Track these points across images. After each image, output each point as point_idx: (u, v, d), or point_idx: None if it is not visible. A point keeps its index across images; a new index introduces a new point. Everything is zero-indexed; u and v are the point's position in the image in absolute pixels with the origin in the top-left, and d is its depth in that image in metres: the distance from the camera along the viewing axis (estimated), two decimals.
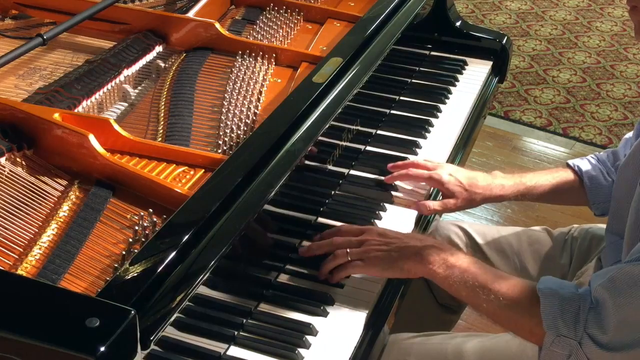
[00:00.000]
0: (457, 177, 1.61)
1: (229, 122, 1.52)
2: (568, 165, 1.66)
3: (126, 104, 1.60)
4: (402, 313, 1.50)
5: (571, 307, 1.20)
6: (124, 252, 1.21)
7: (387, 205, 1.60)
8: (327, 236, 1.42)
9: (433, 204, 1.60)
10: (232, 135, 1.49)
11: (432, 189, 1.67)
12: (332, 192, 1.61)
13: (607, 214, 1.63)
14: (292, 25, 1.94)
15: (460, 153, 1.87)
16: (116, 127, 1.40)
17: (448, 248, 1.34)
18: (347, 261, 1.36)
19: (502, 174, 1.66)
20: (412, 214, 1.59)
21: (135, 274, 1.07)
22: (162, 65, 1.67)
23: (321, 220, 1.54)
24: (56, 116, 1.37)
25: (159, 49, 1.76)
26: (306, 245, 1.42)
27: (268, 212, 1.35)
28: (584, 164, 1.64)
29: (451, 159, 1.81)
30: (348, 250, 1.36)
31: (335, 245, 1.38)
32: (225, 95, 1.61)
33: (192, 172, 1.38)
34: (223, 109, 1.57)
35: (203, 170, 1.38)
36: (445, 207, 1.61)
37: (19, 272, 1.16)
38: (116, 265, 1.19)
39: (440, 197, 1.65)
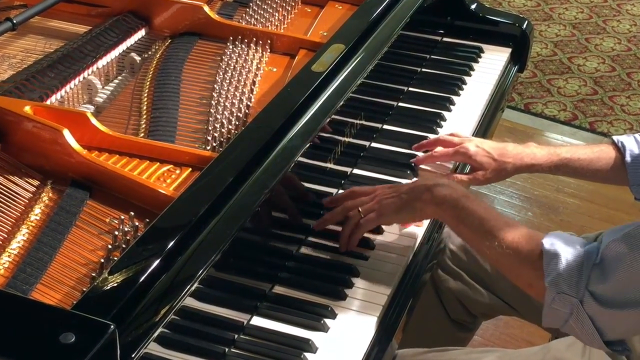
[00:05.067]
0: (484, 148, 1.67)
1: (218, 116, 1.52)
2: (612, 142, 1.68)
3: (92, 106, 1.58)
4: (412, 329, 1.50)
5: (574, 265, 1.24)
6: (102, 260, 1.21)
7: None
8: (340, 201, 1.48)
9: (460, 177, 1.66)
10: (223, 130, 1.49)
11: (457, 163, 1.72)
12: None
13: None
14: (289, 8, 1.94)
15: None
16: (94, 121, 1.40)
17: (460, 188, 1.41)
18: (360, 218, 1.43)
19: (535, 144, 1.71)
20: None
21: (115, 285, 1.07)
22: (137, 59, 1.66)
23: None
24: (27, 109, 1.37)
25: (141, 33, 1.76)
26: (320, 219, 1.48)
27: (262, 215, 1.35)
28: (630, 140, 1.66)
29: None
30: (360, 208, 1.43)
31: (347, 209, 1.45)
32: (215, 85, 1.61)
33: (177, 171, 1.38)
34: (212, 101, 1.57)
35: (190, 169, 1.39)
36: (473, 179, 1.66)
37: None
38: (94, 274, 1.19)
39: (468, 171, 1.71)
